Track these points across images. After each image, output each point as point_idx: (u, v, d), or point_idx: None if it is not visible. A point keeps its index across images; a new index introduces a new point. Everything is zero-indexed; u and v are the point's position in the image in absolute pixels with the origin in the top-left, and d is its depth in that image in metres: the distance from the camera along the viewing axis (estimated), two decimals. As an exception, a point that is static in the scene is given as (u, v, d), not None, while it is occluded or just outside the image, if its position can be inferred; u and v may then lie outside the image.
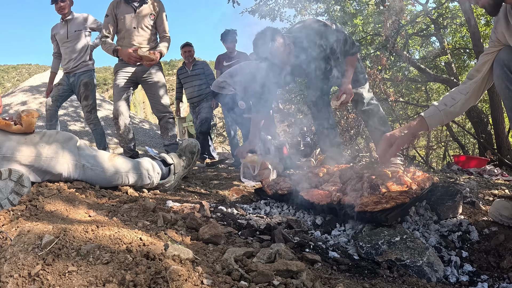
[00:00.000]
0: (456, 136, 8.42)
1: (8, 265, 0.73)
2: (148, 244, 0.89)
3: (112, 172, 1.76)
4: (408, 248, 1.17)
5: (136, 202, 1.55)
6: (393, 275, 1.08)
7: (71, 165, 1.65)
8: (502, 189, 2.17)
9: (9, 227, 1.03)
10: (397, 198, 1.36)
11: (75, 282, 0.70)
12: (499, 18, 1.42)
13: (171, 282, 0.70)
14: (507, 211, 1.44)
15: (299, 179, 1.90)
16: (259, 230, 1.36)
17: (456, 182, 2.33)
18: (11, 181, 1.31)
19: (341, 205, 1.48)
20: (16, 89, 9.06)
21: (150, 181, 1.93)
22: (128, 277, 0.70)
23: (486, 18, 6.87)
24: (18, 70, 35.63)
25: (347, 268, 1.10)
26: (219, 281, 0.75)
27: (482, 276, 1.18)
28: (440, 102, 1.61)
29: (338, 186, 1.70)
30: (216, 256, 0.91)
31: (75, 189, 1.56)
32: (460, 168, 3.28)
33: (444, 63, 7.57)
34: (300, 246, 1.19)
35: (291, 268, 0.84)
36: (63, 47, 3.82)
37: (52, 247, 0.78)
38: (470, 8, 4.80)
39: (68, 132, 1.86)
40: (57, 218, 1.13)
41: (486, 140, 5.48)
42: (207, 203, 1.61)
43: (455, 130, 9.15)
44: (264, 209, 1.82)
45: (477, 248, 1.35)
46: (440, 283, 1.08)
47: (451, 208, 1.55)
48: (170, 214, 1.28)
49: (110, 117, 7.59)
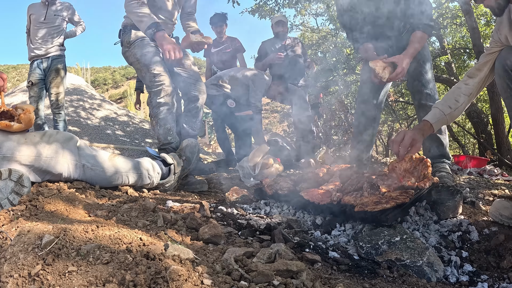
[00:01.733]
0: (456, 136, 8.42)
1: (8, 265, 0.73)
2: (148, 244, 0.89)
3: (112, 172, 1.76)
4: (408, 248, 1.17)
5: (136, 202, 1.55)
6: (393, 275, 1.08)
7: (71, 165, 1.65)
8: (502, 189, 2.16)
9: (9, 227, 1.03)
10: (397, 198, 1.36)
11: (75, 282, 0.70)
12: (502, 20, 1.42)
13: (171, 282, 0.70)
14: (507, 211, 1.44)
15: (299, 179, 1.90)
16: (259, 230, 1.36)
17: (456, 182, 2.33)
18: (11, 181, 1.31)
19: (341, 205, 1.48)
20: (16, 89, 9.05)
21: (150, 181, 1.93)
22: (128, 277, 0.70)
23: (486, 18, 6.87)
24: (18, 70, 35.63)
25: (347, 268, 1.10)
26: (219, 281, 0.75)
27: (482, 276, 1.18)
28: (444, 104, 1.60)
29: (338, 186, 1.70)
30: (216, 256, 0.91)
31: (75, 189, 1.56)
32: (460, 168, 3.28)
33: (444, 63, 7.57)
34: (300, 246, 1.19)
35: (291, 268, 0.84)
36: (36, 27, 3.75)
37: (52, 247, 0.78)
38: (470, 8, 4.80)
39: (68, 132, 1.86)
40: (57, 218, 1.13)
41: (486, 140, 5.48)
42: (207, 203, 1.61)
43: (455, 130, 9.15)
44: (264, 209, 1.82)
45: (477, 248, 1.35)
46: (440, 283, 1.08)
47: (451, 208, 1.55)
48: (170, 214, 1.28)
49: (110, 117, 7.59)
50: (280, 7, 7.71)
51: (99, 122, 7.21)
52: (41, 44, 3.76)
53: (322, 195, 1.62)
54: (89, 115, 7.37)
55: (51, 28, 3.79)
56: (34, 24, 3.77)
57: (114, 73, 39.63)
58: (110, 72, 40.52)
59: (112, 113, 7.99)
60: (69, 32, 4.04)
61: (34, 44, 3.78)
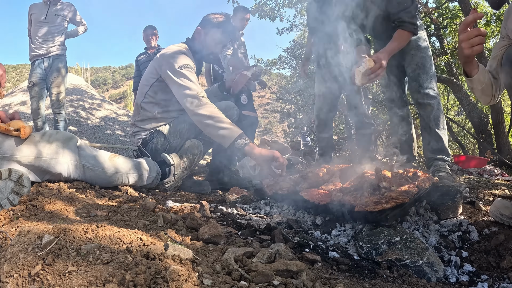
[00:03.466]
0: (456, 136, 8.42)
1: (8, 265, 0.73)
2: (148, 244, 0.89)
3: (112, 172, 1.76)
4: (408, 248, 1.17)
5: (136, 202, 1.55)
6: (393, 275, 1.08)
7: (71, 165, 1.65)
8: (502, 189, 2.16)
9: (9, 227, 1.03)
10: (397, 198, 1.36)
11: (75, 282, 0.70)
12: (510, 14, 1.41)
13: (171, 282, 0.70)
14: (508, 210, 1.44)
15: (299, 179, 1.90)
16: (259, 230, 1.36)
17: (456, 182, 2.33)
18: (11, 181, 1.31)
19: (341, 205, 1.48)
20: (16, 89, 9.05)
21: (150, 181, 1.93)
22: (128, 277, 0.70)
23: (486, 18, 6.87)
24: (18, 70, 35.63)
25: (347, 268, 1.09)
26: (219, 281, 0.75)
27: (482, 276, 1.18)
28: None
29: (338, 186, 1.70)
30: (216, 256, 0.91)
31: (75, 189, 1.56)
32: (460, 168, 3.28)
33: (444, 63, 7.57)
34: (300, 246, 1.19)
35: (291, 268, 0.84)
36: (37, 26, 3.74)
37: (52, 247, 0.78)
38: (470, 8, 4.80)
39: (68, 132, 1.86)
40: (57, 218, 1.13)
41: (486, 140, 5.48)
42: (207, 203, 1.61)
43: (455, 130, 9.15)
44: (264, 209, 1.82)
45: (477, 248, 1.35)
46: (440, 283, 1.08)
47: (451, 208, 1.55)
48: (170, 214, 1.28)
49: (110, 117, 7.59)
50: (280, 7, 7.72)
51: (99, 122, 7.21)
52: (41, 44, 3.75)
53: (322, 195, 1.62)
54: (89, 115, 7.37)
55: (52, 27, 3.78)
56: (35, 23, 3.76)
57: (114, 73, 39.63)
58: (110, 72, 40.51)
59: (112, 113, 7.99)
60: (70, 32, 4.04)
61: (34, 43, 3.77)
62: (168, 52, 2.12)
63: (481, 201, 1.80)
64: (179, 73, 1.98)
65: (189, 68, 2.02)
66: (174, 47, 2.19)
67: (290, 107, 10.59)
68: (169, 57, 2.06)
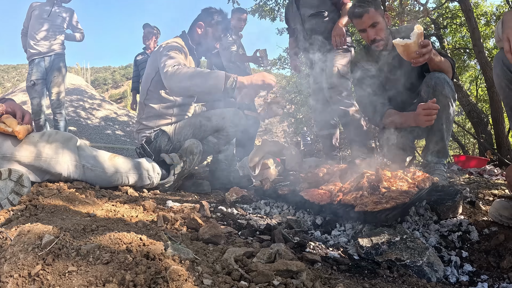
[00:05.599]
0: (456, 136, 8.42)
1: (8, 265, 0.73)
2: (148, 244, 0.89)
3: (112, 172, 1.76)
4: (408, 248, 1.17)
5: (136, 202, 1.55)
6: (393, 275, 1.08)
7: (71, 165, 1.64)
8: (502, 189, 2.16)
9: (9, 227, 1.03)
10: (397, 198, 1.36)
11: (75, 282, 0.70)
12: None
13: (171, 282, 0.70)
14: (507, 211, 1.44)
15: (299, 179, 1.90)
16: (259, 230, 1.36)
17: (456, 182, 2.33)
18: (11, 181, 1.31)
19: (341, 205, 1.48)
20: (16, 89, 9.06)
21: (150, 181, 1.93)
22: (128, 277, 0.70)
23: (486, 18, 6.87)
24: (18, 70, 35.63)
25: (347, 268, 1.10)
26: (219, 281, 0.75)
27: (482, 276, 1.18)
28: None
29: (338, 186, 1.70)
30: (216, 256, 0.91)
31: (75, 189, 1.56)
32: (460, 168, 3.28)
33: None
34: (300, 246, 1.19)
35: (291, 268, 0.84)
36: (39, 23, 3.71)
37: (52, 247, 0.78)
38: (470, 8, 4.80)
39: (68, 132, 1.86)
40: (57, 218, 1.13)
41: (486, 140, 5.47)
42: (207, 203, 1.61)
43: (455, 130, 9.14)
44: (264, 209, 1.82)
45: (477, 248, 1.35)
46: (440, 283, 1.08)
47: (451, 208, 1.55)
48: (170, 214, 1.28)
49: (110, 117, 7.59)
50: (280, 7, 7.71)
51: (99, 122, 7.21)
52: (43, 41, 3.74)
53: (322, 195, 1.62)
54: (89, 115, 7.37)
55: (53, 26, 3.78)
56: (36, 20, 3.73)
57: (114, 73, 39.64)
58: (110, 72, 40.52)
59: (112, 113, 7.99)
60: (69, 34, 4.04)
61: (33, 39, 3.74)
62: (163, 45, 2.19)
63: (481, 201, 1.80)
64: (167, 54, 2.05)
65: (176, 50, 2.09)
66: (170, 41, 2.26)
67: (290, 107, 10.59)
68: (164, 50, 2.13)
